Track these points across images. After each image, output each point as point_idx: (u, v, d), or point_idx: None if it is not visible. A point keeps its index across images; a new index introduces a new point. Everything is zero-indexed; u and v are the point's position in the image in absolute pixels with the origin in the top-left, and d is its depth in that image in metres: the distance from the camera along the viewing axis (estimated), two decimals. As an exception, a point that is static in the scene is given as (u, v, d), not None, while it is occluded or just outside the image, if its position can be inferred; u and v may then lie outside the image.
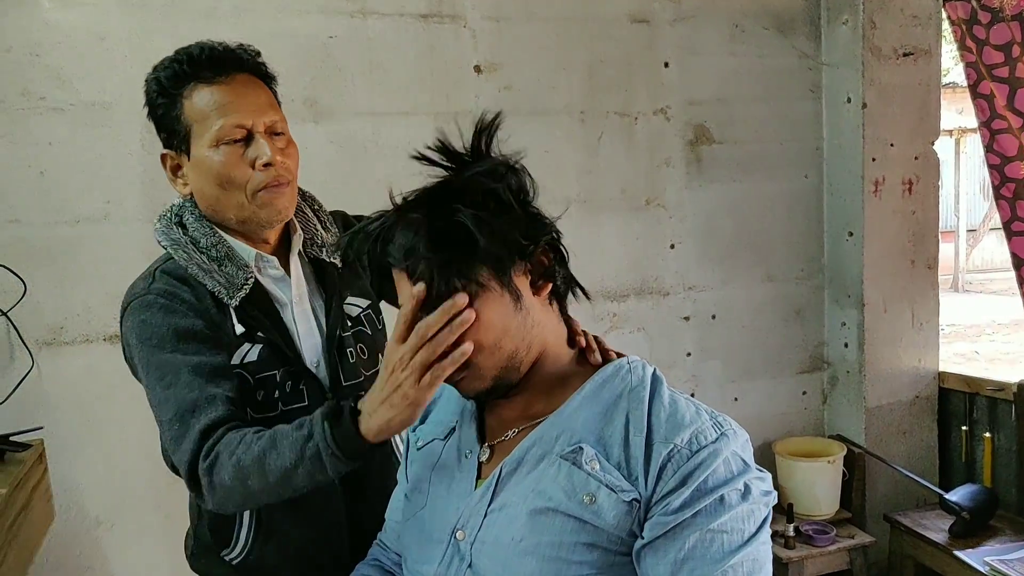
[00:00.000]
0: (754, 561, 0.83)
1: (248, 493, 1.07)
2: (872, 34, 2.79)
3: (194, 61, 1.18)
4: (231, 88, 1.18)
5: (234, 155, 1.18)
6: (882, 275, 2.92)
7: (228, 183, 1.18)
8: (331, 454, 1.01)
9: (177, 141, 1.20)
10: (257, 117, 1.19)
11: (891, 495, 2.97)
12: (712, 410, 0.91)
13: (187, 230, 1.23)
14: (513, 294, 0.92)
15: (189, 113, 1.18)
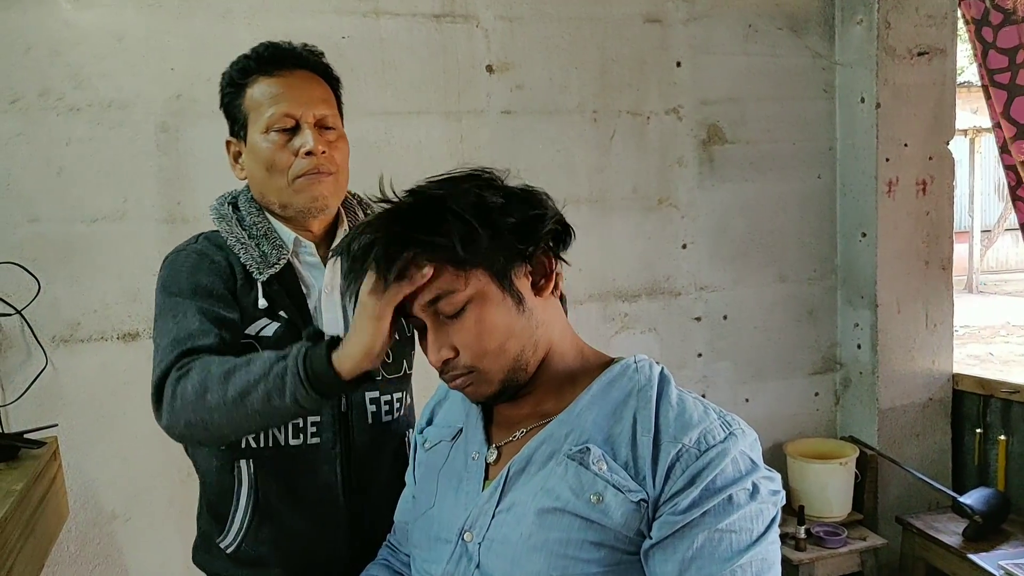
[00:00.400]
0: (763, 561, 0.83)
1: (202, 409, 1.07)
2: (887, 33, 2.78)
3: (260, 57, 1.27)
4: (288, 81, 1.26)
5: (280, 141, 1.24)
6: (895, 276, 2.90)
7: (272, 167, 1.25)
8: (295, 375, 1.02)
9: (237, 128, 1.29)
10: (307, 109, 1.25)
11: (904, 497, 2.95)
12: (720, 409, 0.91)
13: (238, 210, 1.32)
14: (514, 296, 0.92)
15: (248, 102, 1.26)
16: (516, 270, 0.93)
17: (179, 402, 1.09)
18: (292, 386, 1.03)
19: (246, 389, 1.05)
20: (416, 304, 0.92)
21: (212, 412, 1.07)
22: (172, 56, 2.25)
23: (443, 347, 0.93)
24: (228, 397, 1.05)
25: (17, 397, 2.06)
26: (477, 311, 0.90)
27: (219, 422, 1.07)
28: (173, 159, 2.26)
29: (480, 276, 0.90)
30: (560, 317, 1.00)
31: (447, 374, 0.95)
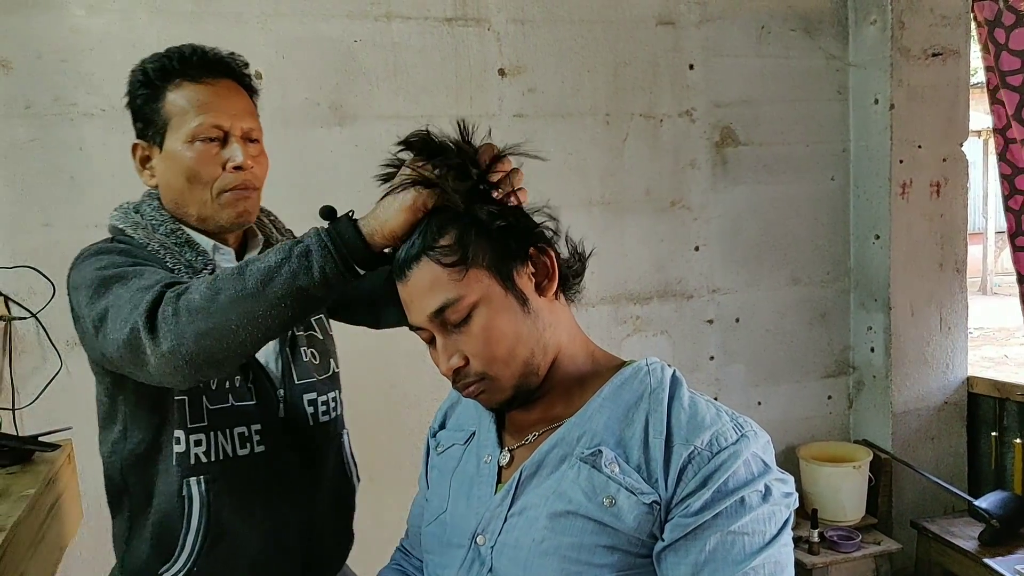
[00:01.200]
0: (775, 563, 0.82)
1: (216, 312, 0.96)
2: (901, 34, 2.76)
3: (184, 59, 1.20)
4: (215, 90, 1.21)
5: (207, 153, 1.19)
6: (909, 278, 2.88)
7: (195, 179, 1.19)
8: (322, 248, 0.97)
9: (152, 132, 1.21)
10: (235, 121, 1.21)
11: (919, 501, 2.93)
12: (732, 411, 0.91)
13: (144, 218, 1.24)
14: (518, 298, 0.92)
15: (170, 106, 1.20)
16: (518, 271, 0.93)
17: (185, 316, 0.97)
18: (320, 260, 0.96)
19: (267, 275, 0.97)
20: (421, 315, 0.92)
21: (229, 311, 0.96)
22: (185, 61, 2.26)
23: (453, 356, 0.92)
24: (248, 288, 0.96)
25: (32, 400, 2.07)
26: (483, 317, 0.90)
27: (237, 322, 0.96)
28: (186, 163, 2.27)
29: (482, 279, 0.90)
30: (568, 320, 1.00)
31: (459, 383, 0.95)
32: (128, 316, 1.01)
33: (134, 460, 1.21)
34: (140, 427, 1.19)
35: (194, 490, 1.19)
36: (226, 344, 0.97)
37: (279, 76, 2.33)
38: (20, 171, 2.13)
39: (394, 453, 2.53)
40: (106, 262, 1.12)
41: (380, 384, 2.50)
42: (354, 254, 0.97)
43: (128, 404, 1.20)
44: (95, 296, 1.07)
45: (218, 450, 1.20)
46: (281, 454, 1.25)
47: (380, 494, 2.54)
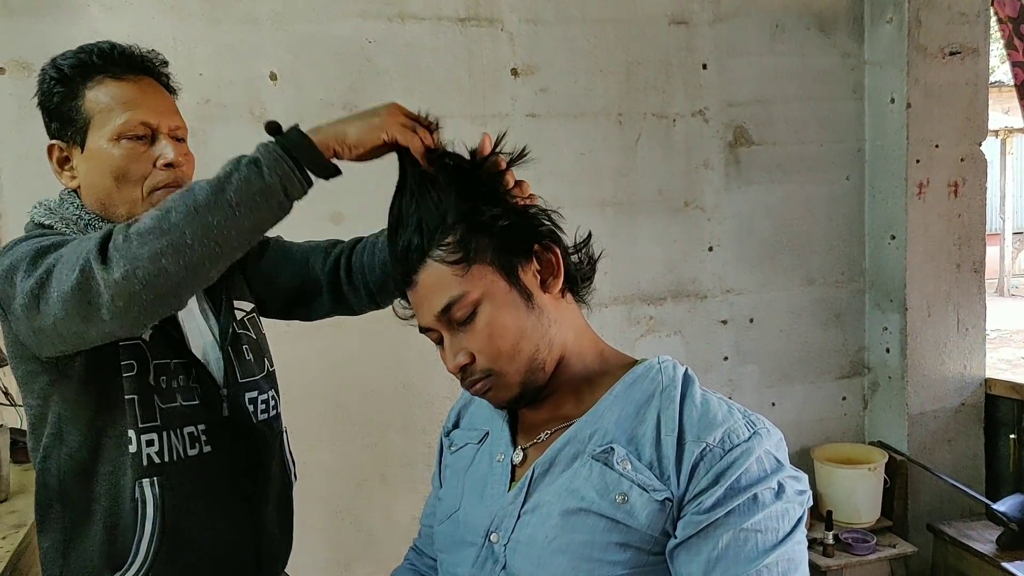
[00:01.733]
0: (789, 560, 0.82)
1: (169, 231, 0.94)
2: (918, 32, 2.74)
3: (105, 55, 1.16)
4: (138, 87, 1.18)
5: (135, 151, 1.15)
6: (926, 279, 2.86)
7: (124, 178, 1.16)
8: (271, 152, 0.97)
9: (72, 131, 1.17)
10: (163, 118, 1.18)
11: (935, 504, 2.91)
12: (744, 409, 0.90)
13: (69, 216, 1.19)
14: (523, 294, 0.92)
15: (91, 104, 1.15)
16: (523, 267, 0.93)
17: (136, 239, 0.94)
18: (271, 162, 0.96)
19: (219, 185, 0.95)
20: (429, 315, 0.93)
21: (183, 226, 0.94)
22: (199, 62, 2.28)
23: (458, 353, 0.93)
24: (199, 200, 0.94)
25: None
26: (487, 313, 0.91)
27: (192, 236, 0.94)
28: (200, 163, 2.28)
29: (486, 275, 0.91)
30: (576, 318, 1.00)
31: (466, 380, 0.95)
32: (76, 261, 0.97)
33: (72, 464, 1.16)
34: (78, 428, 1.15)
35: (147, 492, 1.15)
36: (183, 262, 0.94)
37: (293, 77, 2.35)
38: (41, 170, 2.15)
39: (407, 454, 2.54)
40: (41, 238, 1.08)
41: (393, 385, 2.51)
42: (304, 156, 0.98)
43: (63, 405, 1.15)
44: (33, 266, 1.02)
45: (170, 450, 1.17)
46: (228, 453, 1.23)
47: (393, 494, 2.56)
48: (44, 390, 1.15)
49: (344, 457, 2.49)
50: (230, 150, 2.40)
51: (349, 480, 2.51)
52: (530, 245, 0.93)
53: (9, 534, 1.45)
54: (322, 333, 2.07)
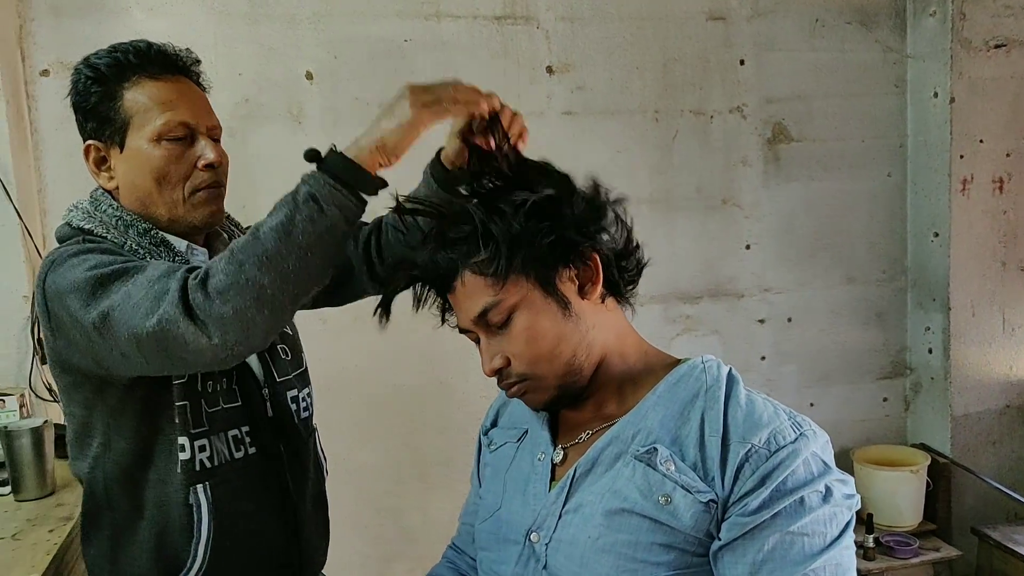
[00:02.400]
0: (837, 566, 0.80)
1: (246, 283, 0.94)
2: (962, 25, 2.69)
3: (142, 55, 1.15)
4: (176, 87, 1.16)
5: (176, 152, 1.15)
6: (970, 277, 2.80)
7: (165, 179, 1.15)
8: (325, 184, 0.97)
9: (110, 132, 1.15)
10: (201, 119, 1.17)
11: (979, 507, 2.85)
12: (790, 410, 0.89)
13: (109, 218, 1.17)
14: (560, 301, 0.92)
15: (130, 104, 1.14)
16: (560, 275, 0.92)
17: (218, 299, 0.94)
18: (326, 195, 0.96)
19: (284, 230, 0.95)
20: (466, 319, 0.93)
21: (260, 277, 0.94)
22: (240, 62, 2.30)
23: (495, 356, 0.93)
24: (269, 249, 0.95)
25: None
26: (524, 318, 0.91)
27: (271, 285, 0.95)
28: (239, 163, 2.28)
29: (521, 283, 0.90)
30: (617, 320, 0.99)
31: (502, 383, 0.96)
32: (151, 309, 0.96)
33: (119, 473, 1.15)
34: (124, 437, 1.14)
35: (202, 497, 1.15)
36: (268, 311, 0.96)
37: (330, 76, 2.36)
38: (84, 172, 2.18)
39: (443, 452, 2.55)
40: (94, 262, 1.06)
41: (430, 383, 2.51)
42: (354, 179, 0.98)
43: (109, 414, 1.14)
44: (92, 297, 1.01)
45: (219, 454, 1.17)
46: (270, 453, 1.24)
47: (429, 492, 2.57)
48: (88, 400, 1.14)
49: (382, 455, 2.50)
50: (268, 149, 2.44)
51: (387, 478, 2.52)
52: (567, 256, 0.92)
53: (56, 527, 1.48)
54: (357, 330, 2.08)
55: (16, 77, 2.14)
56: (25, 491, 1.61)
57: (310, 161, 1.00)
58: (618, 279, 0.97)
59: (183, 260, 1.16)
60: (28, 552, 1.37)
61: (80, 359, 1.09)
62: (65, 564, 1.43)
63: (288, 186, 1.35)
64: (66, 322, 1.05)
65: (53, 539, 1.42)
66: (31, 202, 2.16)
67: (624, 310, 1.00)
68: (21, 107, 2.15)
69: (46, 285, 1.08)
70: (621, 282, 0.97)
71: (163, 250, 1.15)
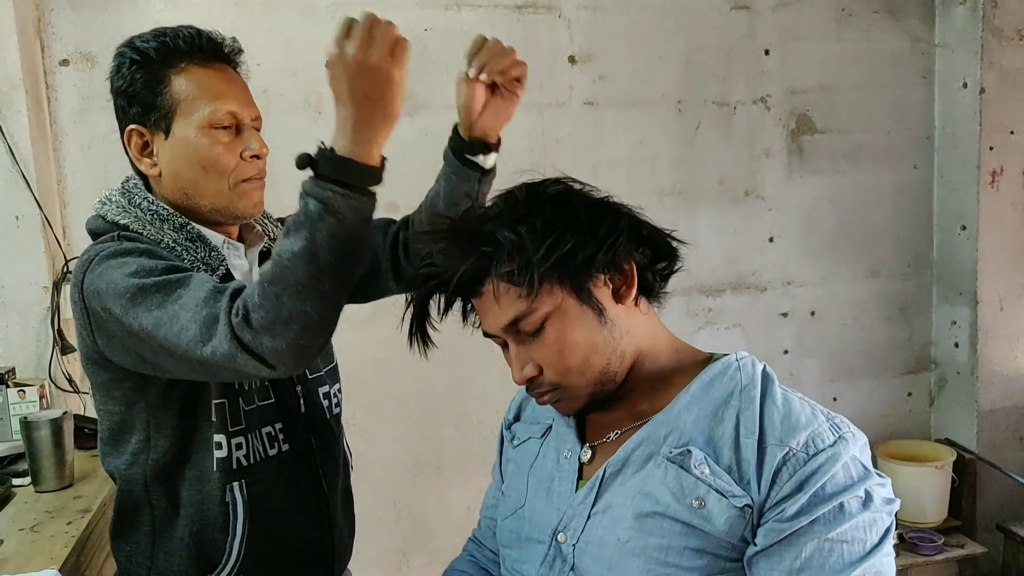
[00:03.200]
0: (877, 573, 0.78)
1: (289, 315, 0.92)
2: (993, 14, 2.63)
3: (189, 41, 1.14)
4: (223, 76, 1.16)
5: (223, 141, 1.13)
6: (999, 271, 2.76)
7: (213, 168, 1.13)
8: (334, 194, 0.92)
9: (156, 117, 1.13)
10: (246, 109, 1.16)
11: (1006, 504, 2.81)
12: (828, 411, 0.87)
13: (144, 212, 1.15)
14: (595, 309, 0.89)
15: (177, 90, 1.12)
16: (594, 281, 0.89)
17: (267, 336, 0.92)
18: (340, 203, 0.92)
19: (311, 255, 0.92)
20: (495, 325, 0.90)
21: (303, 308, 0.92)
22: (258, 52, 2.27)
23: (526, 365, 0.91)
24: (302, 280, 0.92)
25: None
26: (557, 328, 0.88)
27: (314, 309, 0.93)
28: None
29: (555, 292, 0.87)
30: (650, 320, 0.96)
31: (533, 391, 0.93)
32: (202, 337, 0.95)
33: (160, 470, 1.14)
34: (165, 434, 1.13)
35: (238, 495, 1.15)
36: (319, 329, 0.95)
37: (350, 66, 2.34)
38: (103, 162, 2.19)
39: (462, 445, 2.54)
40: (134, 266, 1.04)
41: (448, 377, 2.50)
42: (362, 180, 0.94)
43: (150, 411, 1.13)
44: (133, 306, 1.00)
45: (255, 452, 1.17)
46: (303, 449, 1.23)
47: (448, 486, 2.56)
48: (128, 396, 1.13)
49: (400, 449, 2.50)
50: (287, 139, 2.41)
51: (405, 471, 2.52)
52: (602, 264, 0.88)
53: (75, 519, 1.48)
54: (377, 324, 2.07)
55: (35, 68, 2.13)
56: (44, 482, 1.61)
57: (303, 167, 0.95)
58: (652, 281, 0.95)
59: (218, 257, 1.15)
60: (47, 544, 1.37)
61: (123, 356, 1.08)
62: (84, 556, 1.43)
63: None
64: (107, 321, 1.04)
65: (71, 531, 1.42)
66: (51, 193, 2.16)
67: (656, 309, 0.98)
68: (40, 97, 2.14)
69: (84, 284, 1.06)
70: (655, 284, 0.95)
71: (199, 245, 1.14)
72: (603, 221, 0.89)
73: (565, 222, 0.87)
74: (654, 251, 0.94)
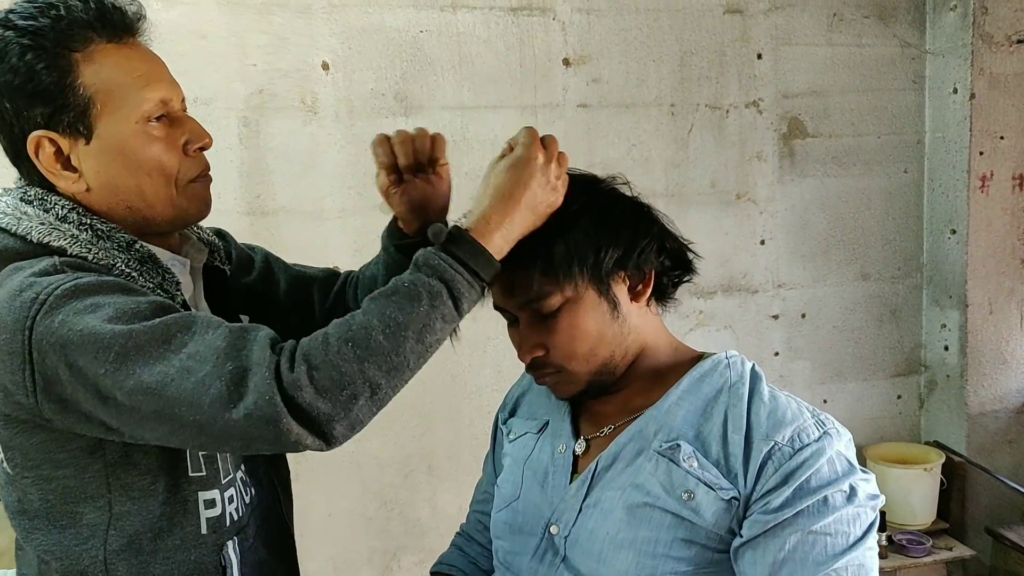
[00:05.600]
0: (860, 567, 0.80)
1: (371, 377, 0.79)
2: (983, 20, 2.65)
3: (89, 10, 0.89)
4: (140, 53, 0.93)
5: (160, 136, 0.92)
6: (988, 275, 2.77)
7: (159, 171, 0.92)
8: (463, 280, 0.83)
9: (70, 119, 0.89)
10: (175, 92, 0.95)
11: (995, 507, 2.82)
12: (813, 408, 0.89)
13: (82, 231, 0.91)
14: (610, 303, 0.91)
15: (91, 80, 0.88)
16: (615, 277, 0.92)
17: (328, 398, 0.78)
18: (466, 292, 0.83)
19: (419, 331, 0.81)
20: (511, 302, 0.93)
21: (381, 376, 0.80)
22: (253, 52, 2.29)
23: (535, 345, 0.92)
24: (402, 350, 0.81)
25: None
26: (571, 315, 0.90)
27: (391, 382, 0.81)
28: (253, 153, 2.31)
29: (577, 281, 0.90)
30: (656, 320, 0.99)
31: (535, 371, 0.95)
32: (229, 395, 0.78)
33: (126, 544, 0.92)
34: (132, 499, 0.92)
35: (232, 556, 0.98)
36: (376, 407, 0.83)
37: (345, 67, 2.35)
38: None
39: (452, 444, 2.55)
40: (112, 309, 0.82)
41: (440, 375, 2.51)
42: (483, 267, 0.85)
43: (110, 473, 0.91)
44: (124, 362, 0.79)
45: (241, 502, 1.02)
46: (266, 486, 1.10)
47: (439, 485, 2.56)
48: (79, 459, 0.91)
49: (391, 447, 2.50)
50: (282, 140, 2.42)
51: (396, 470, 2.52)
52: (627, 259, 0.91)
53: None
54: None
55: None
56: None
57: (435, 239, 0.85)
58: (666, 285, 0.98)
59: (173, 280, 0.95)
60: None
61: (73, 423, 0.86)
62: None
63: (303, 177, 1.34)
64: (65, 381, 0.82)
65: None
66: None
67: (661, 311, 1.00)
68: None
69: (35, 334, 0.81)
70: (668, 288, 0.98)
71: (151, 267, 0.93)
72: (642, 229, 0.93)
73: (609, 225, 0.90)
74: (673, 261, 0.97)
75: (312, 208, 2.34)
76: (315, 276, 1.25)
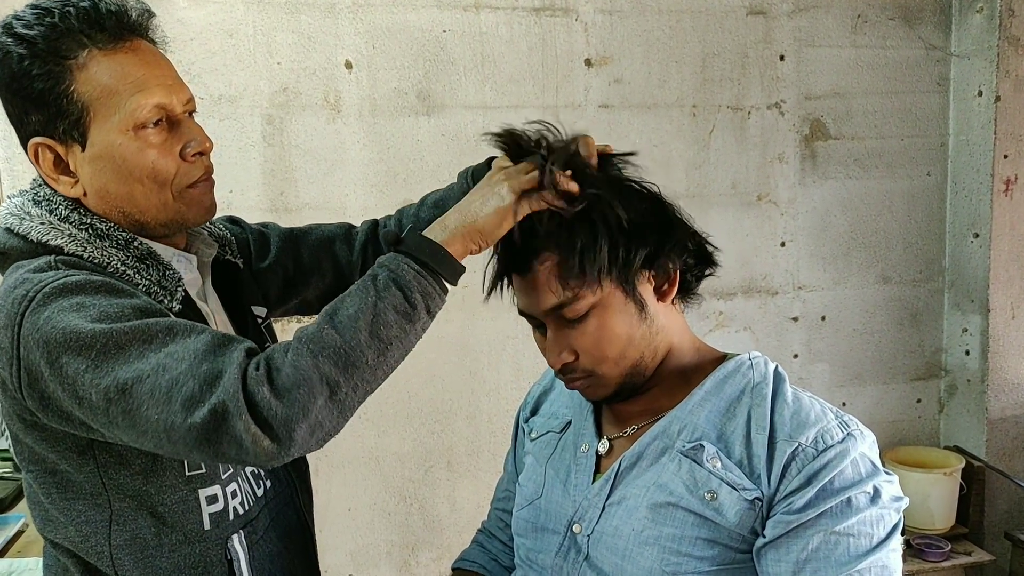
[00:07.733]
0: (883, 568, 0.80)
1: (325, 372, 0.79)
2: (1010, 22, 2.63)
3: (87, 16, 0.89)
4: (138, 57, 0.92)
5: (155, 142, 0.93)
6: (1011, 279, 2.75)
7: (153, 178, 0.93)
8: (408, 269, 0.84)
9: (66, 127, 0.90)
10: (175, 94, 0.95)
11: (1015, 512, 2.80)
12: (837, 409, 0.89)
13: (80, 230, 0.94)
14: (637, 303, 0.91)
15: (85, 88, 0.89)
16: (640, 277, 0.91)
17: (285, 397, 0.78)
18: (411, 282, 0.84)
19: (364, 319, 0.81)
20: (537, 307, 0.92)
21: (337, 372, 0.80)
22: (279, 51, 2.32)
23: (563, 351, 0.92)
24: (349, 342, 0.81)
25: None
26: (599, 318, 0.90)
27: (349, 381, 0.81)
28: (277, 150, 2.33)
29: (604, 283, 0.89)
30: (681, 319, 0.99)
31: (565, 376, 0.95)
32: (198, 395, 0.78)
33: (130, 539, 0.94)
34: (135, 499, 0.94)
35: (238, 549, 0.99)
36: (338, 411, 0.83)
37: (368, 65, 2.37)
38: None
39: (472, 441, 2.56)
40: (97, 310, 0.83)
41: (459, 373, 2.52)
42: (439, 264, 0.86)
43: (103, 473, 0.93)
44: (103, 360, 0.80)
45: (247, 496, 1.03)
46: (282, 481, 1.12)
47: (458, 481, 2.58)
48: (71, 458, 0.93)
49: (411, 444, 2.52)
50: (306, 138, 2.45)
51: (416, 466, 2.54)
52: (652, 257, 0.91)
53: None
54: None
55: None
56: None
57: (389, 245, 0.87)
58: (690, 282, 0.98)
59: (174, 277, 0.97)
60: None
61: (55, 420, 0.88)
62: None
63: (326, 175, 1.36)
64: (47, 378, 0.83)
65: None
66: None
67: (683, 308, 1.00)
68: None
69: (23, 330, 0.84)
70: (692, 284, 0.99)
71: (151, 265, 0.96)
72: (666, 227, 0.93)
73: (634, 225, 0.89)
74: (697, 258, 0.97)
75: (335, 205, 2.36)
76: (335, 234, 1.28)
